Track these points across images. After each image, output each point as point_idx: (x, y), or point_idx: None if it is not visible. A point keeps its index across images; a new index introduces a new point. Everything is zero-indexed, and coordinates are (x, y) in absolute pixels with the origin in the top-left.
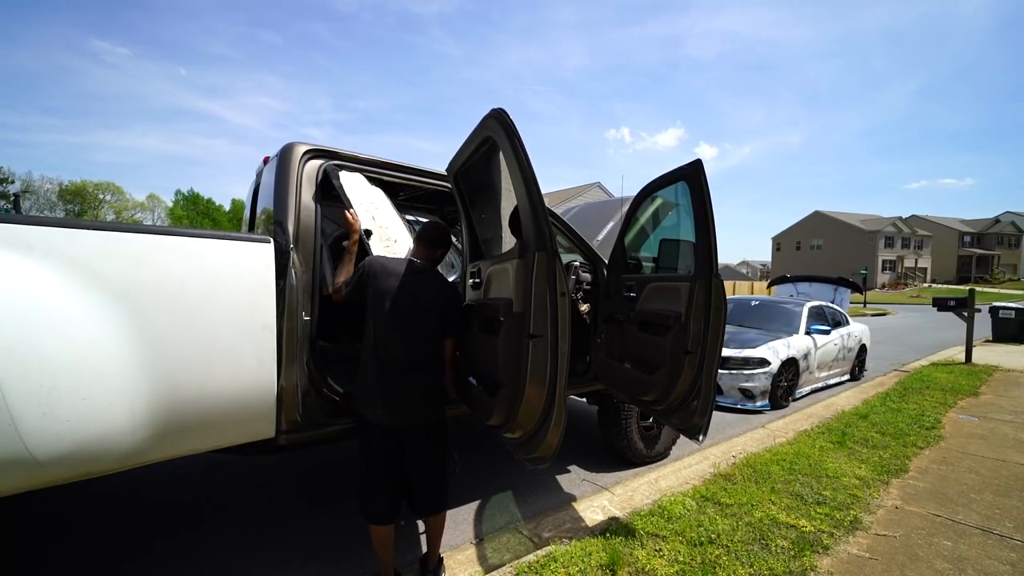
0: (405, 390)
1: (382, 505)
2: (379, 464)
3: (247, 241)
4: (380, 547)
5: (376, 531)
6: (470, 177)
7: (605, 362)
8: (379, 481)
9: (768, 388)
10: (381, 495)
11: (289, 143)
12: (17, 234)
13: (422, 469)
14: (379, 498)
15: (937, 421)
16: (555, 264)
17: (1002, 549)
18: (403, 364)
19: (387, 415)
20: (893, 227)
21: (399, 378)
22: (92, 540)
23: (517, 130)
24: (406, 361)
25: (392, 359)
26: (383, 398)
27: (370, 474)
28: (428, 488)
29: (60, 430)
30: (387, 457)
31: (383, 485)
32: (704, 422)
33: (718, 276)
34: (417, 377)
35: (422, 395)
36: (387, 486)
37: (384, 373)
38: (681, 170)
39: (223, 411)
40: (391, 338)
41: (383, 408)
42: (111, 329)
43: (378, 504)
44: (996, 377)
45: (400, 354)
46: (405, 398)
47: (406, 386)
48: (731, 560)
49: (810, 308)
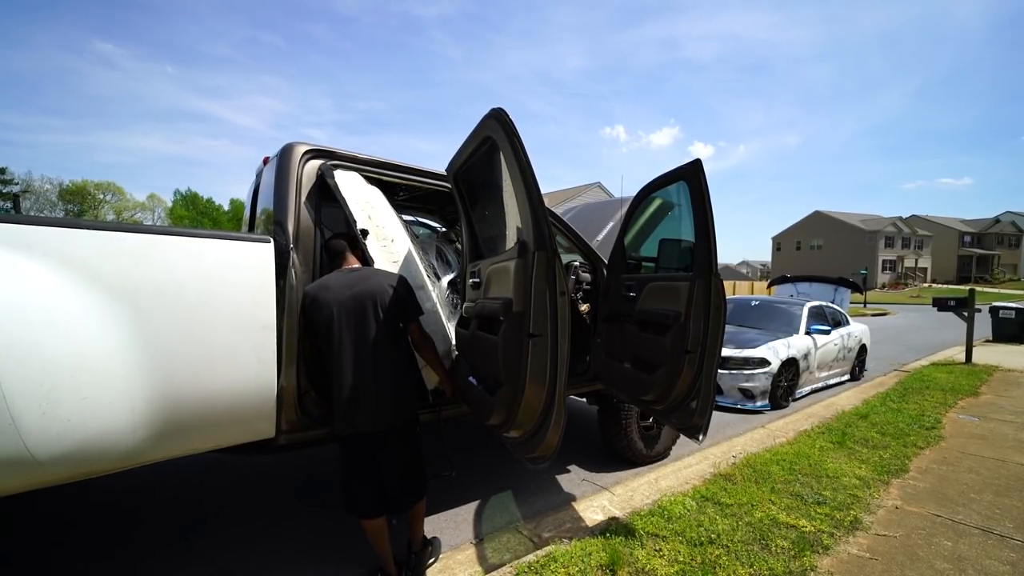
0: (378, 391)
1: (367, 500)
2: (358, 464)
3: (247, 241)
4: (375, 540)
5: (367, 525)
6: (470, 177)
7: (605, 362)
8: (361, 479)
9: (768, 388)
10: (364, 491)
11: (289, 143)
12: (17, 234)
13: (395, 469)
14: (363, 494)
15: (937, 421)
16: (555, 264)
17: (1002, 549)
18: (369, 366)
19: (365, 422)
20: (893, 227)
21: (370, 380)
22: (93, 540)
23: (516, 129)
24: (371, 361)
25: (358, 364)
26: (358, 405)
27: (351, 473)
28: (401, 487)
29: (60, 430)
30: (364, 459)
31: (365, 482)
32: (704, 422)
33: (718, 276)
34: (387, 374)
35: (395, 393)
36: (369, 483)
37: (355, 380)
38: (680, 170)
39: (223, 411)
40: (348, 344)
41: (360, 416)
42: (111, 329)
43: (363, 500)
44: (996, 377)
45: (364, 356)
46: (380, 399)
47: (378, 386)
48: (731, 560)
49: (810, 308)
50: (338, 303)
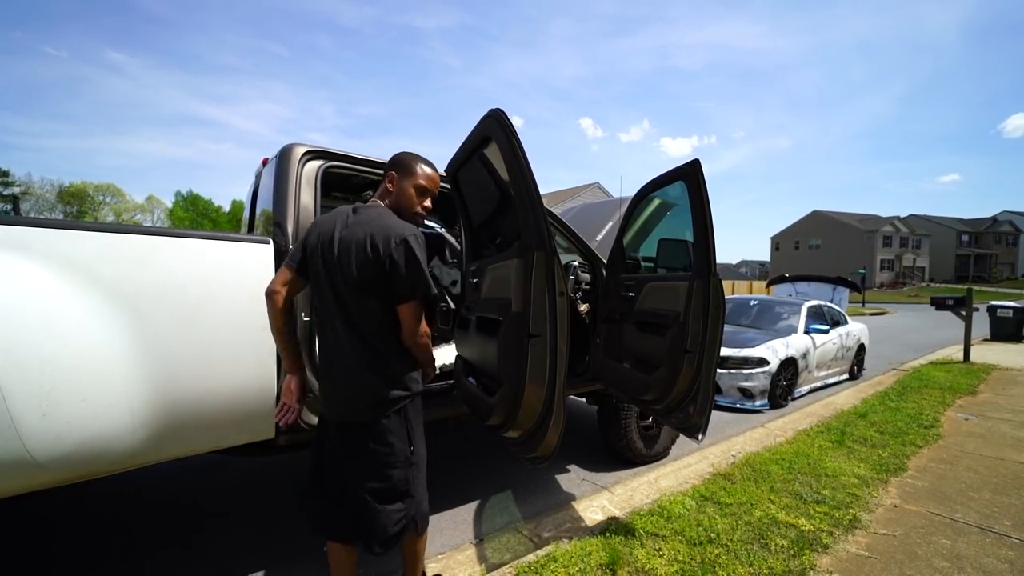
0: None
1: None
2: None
3: (246, 242)
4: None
5: (329, 547)
6: (468, 177)
7: (604, 362)
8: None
9: (767, 387)
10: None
11: (288, 144)
12: (16, 236)
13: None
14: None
15: (935, 420)
16: (554, 264)
17: (1000, 547)
18: (349, 341)
19: (332, 410)
20: (891, 226)
21: (350, 358)
22: (92, 542)
23: (515, 130)
24: (352, 337)
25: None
26: (332, 385)
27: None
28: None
29: (60, 431)
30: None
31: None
32: (703, 421)
33: (717, 275)
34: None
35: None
36: (319, 494)
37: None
38: (679, 170)
39: (222, 412)
40: (327, 312)
41: (335, 396)
42: (111, 330)
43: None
44: (994, 376)
45: (341, 329)
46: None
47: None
48: (731, 559)
49: (809, 308)
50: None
